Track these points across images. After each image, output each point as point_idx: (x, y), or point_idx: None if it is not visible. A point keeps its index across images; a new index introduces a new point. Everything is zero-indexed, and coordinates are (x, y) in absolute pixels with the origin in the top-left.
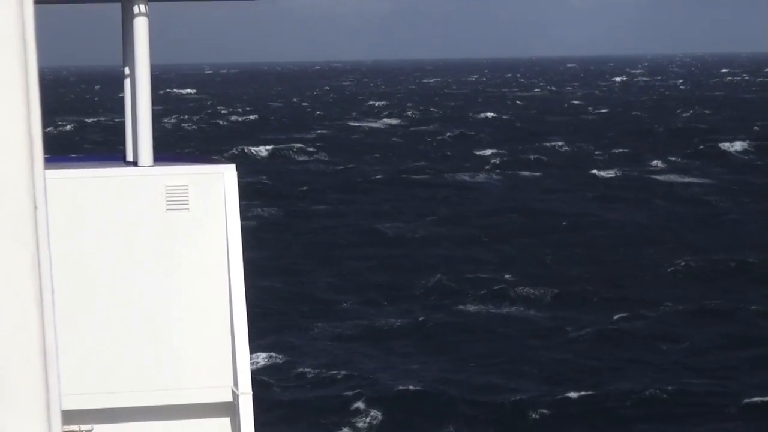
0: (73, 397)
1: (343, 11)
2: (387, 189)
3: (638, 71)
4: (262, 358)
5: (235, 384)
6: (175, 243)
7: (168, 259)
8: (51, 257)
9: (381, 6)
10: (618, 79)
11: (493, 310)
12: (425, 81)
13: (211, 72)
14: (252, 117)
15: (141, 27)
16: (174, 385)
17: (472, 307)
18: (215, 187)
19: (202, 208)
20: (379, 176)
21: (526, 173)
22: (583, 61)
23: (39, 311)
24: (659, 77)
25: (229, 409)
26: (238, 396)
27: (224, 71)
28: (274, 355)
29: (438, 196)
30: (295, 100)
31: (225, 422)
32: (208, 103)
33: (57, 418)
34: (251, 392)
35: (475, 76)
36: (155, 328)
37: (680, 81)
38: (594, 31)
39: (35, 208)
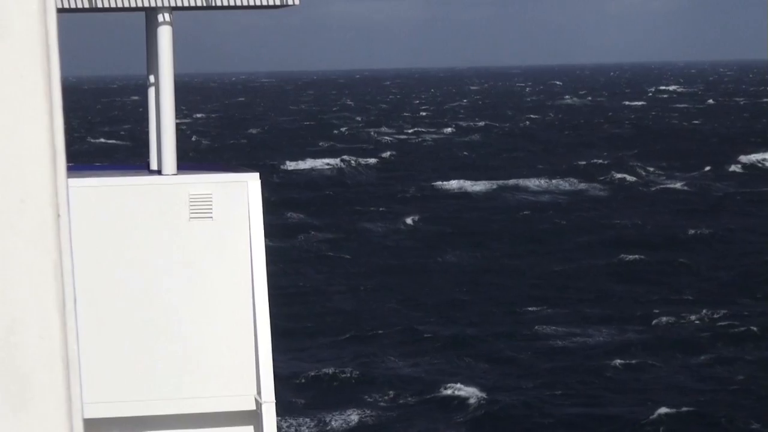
0: (96, 406)
1: (378, 19)
2: (440, 201)
3: (679, 79)
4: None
5: (258, 393)
6: (199, 251)
7: (191, 267)
8: (73, 265)
9: (415, 14)
10: (663, 87)
11: (561, 328)
12: (470, 88)
13: (241, 82)
14: (296, 128)
15: (165, 36)
16: (197, 394)
17: (537, 326)
18: (239, 196)
19: (226, 217)
20: (430, 189)
21: (589, 187)
22: (621, 68)
23: (61, 319)
24: (702, 86)
25: (253, 418)
26: (261, 404)
27: (265, 80)
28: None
29: (497, 208)
30: (334, 110)
31: (248, 430)
32: (237, 116)
33: (79, 426)
34: (274, 401)
35: (520, 84)
36: (178, 337)
37: (728, 88)
38: (631, 38)
39: (58, 216)
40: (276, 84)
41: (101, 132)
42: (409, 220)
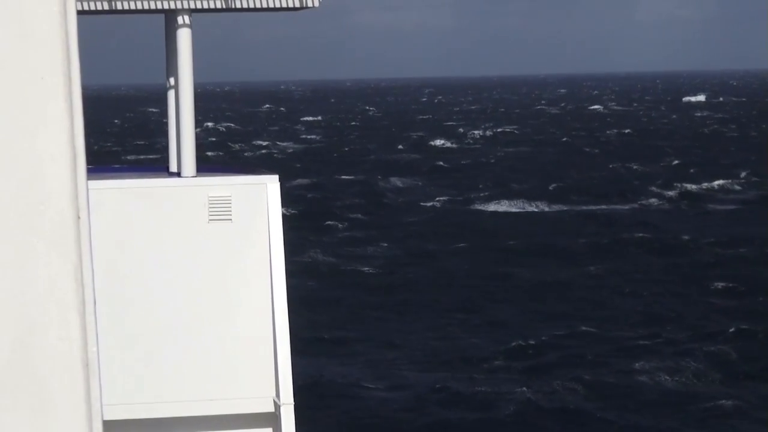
0: (115, 408)
1: (407, 27)
2: (496, 218)
3: (715, 88)
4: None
5: (277, 394)
6: (218, 253)
7: (210, 269)
8: (93, 267)
9: (444, 23)
10: (700, 96)
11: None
12: (507, 97)
13: (282, 91)
14: (333, 138)
15: (184, 38)
16: (216, 396)
17: (619, 353)
18: (258, 198)
19: (245, 219)
20: (485, 205)
21: (653, 203)
22: (653, 77)
23: (81, 321)
24: (744, 97)
25: (271, 420)
26: (279, 407)
27: (295, 88)
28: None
29: (559, 225)
30: (355, 122)
31: None
32: (268, 127)
33: (98, 428)
34: (293, 403)
35: (562, 92)
36: (197, 339)
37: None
38: (661, 47)
39: (78, 218)
40: (307, 93)
41: (136, 146)
42: (463, 237)
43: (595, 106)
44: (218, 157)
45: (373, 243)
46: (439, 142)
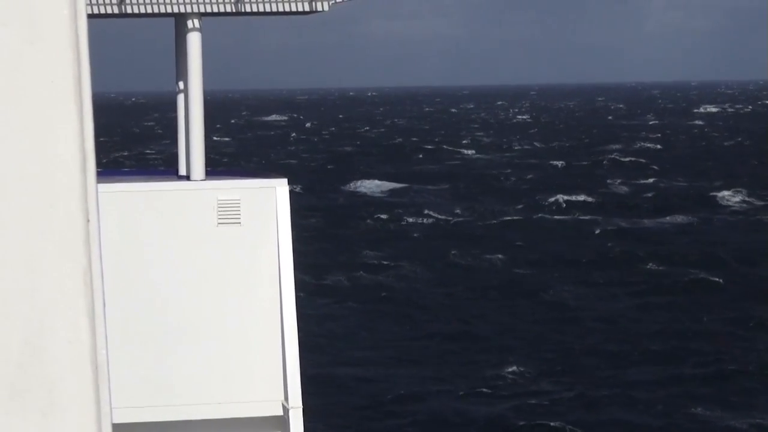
0: (124, 411)
1: (416, 36)
2: (514, 232)
3: (724, 98)
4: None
5: (286, 398)
6: (227, 257)
7: (219, 272)
8: (103, 270)
9: (454, 32)
10: (714, 106)
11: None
12: (518, 105)
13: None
14: (348, 148)
15: (194, 42)
16: (224, 399)
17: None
18: (267, 201)
19: (254, 222)
20: (509, 218)
21: (698, 214)
22: (663, 87)
23: (90, 324)
24: (755, 106)
25: (280, 423)
26: (288, 410)
27: (308, 97)
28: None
29: (586, 234)
30: (379, 130)
31: None
32: (292, 136)
33: (108, 431)
34: (301, 406)
35: (572, 103)
36: (206, 342)
37: None
38: (671, 57)
39: (88, 221)
40: (319, 101)
41: (141, 153)
42: (481, 249)
43: (608, 117)
44: (231, 166)
45: (386, 252)
46: (453, 153)
